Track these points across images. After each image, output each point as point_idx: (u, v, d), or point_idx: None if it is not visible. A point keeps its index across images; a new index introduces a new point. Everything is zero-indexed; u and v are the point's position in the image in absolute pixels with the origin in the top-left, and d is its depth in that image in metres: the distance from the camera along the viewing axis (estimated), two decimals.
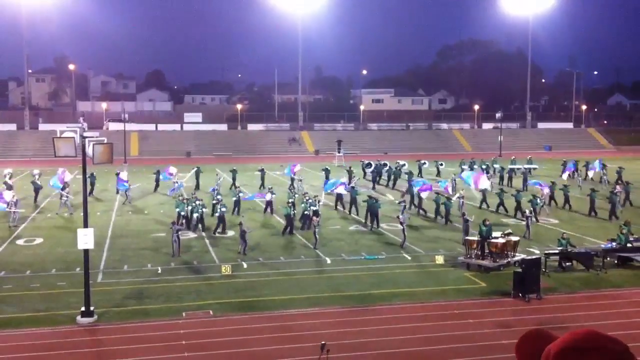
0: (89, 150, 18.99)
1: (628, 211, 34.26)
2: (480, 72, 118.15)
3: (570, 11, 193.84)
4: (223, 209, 29.83)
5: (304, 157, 69.40)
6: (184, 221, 29.64)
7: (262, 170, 44.66)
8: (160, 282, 21.49)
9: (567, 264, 22.97)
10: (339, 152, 63.26)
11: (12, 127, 77.47)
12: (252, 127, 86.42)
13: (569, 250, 23.27)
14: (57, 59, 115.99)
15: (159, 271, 22.71)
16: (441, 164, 51.44)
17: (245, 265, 23.38)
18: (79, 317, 17.75)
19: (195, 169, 44.57)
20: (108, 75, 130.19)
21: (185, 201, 30.91)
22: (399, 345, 16.15)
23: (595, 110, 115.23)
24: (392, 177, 45.94)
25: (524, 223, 29.04)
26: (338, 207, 35.23)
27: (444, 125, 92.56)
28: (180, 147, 74.67)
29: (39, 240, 28.09)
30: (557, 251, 23.36)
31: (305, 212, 30.09)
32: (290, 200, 31.17)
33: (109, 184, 43.64)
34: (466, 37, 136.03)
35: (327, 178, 42.00)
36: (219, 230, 29.28)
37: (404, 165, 50.02)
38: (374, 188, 43.41)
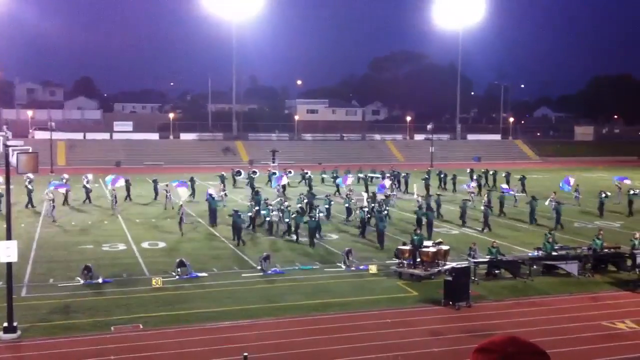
0: (13, 160, 18.27)
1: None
2: (413, 84, 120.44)
3: (499, 26, 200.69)
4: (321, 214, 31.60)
5: (237, 166, 68.82)
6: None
7: (192, 180, 44.54)
8: (87, 296, 20.85)
9: (496, 271, 23.55)
10: (273, 162, 63.06)
11: None
12: (184, 136, 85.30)
13: (498, 258, 23.86)
14: None
15: (83, 283, 21.99)
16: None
17: (176, 277, 22.96)
18: (0, 333, 17.00)
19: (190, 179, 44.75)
20: (34, 82, 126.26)
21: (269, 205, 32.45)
22: (330, 355, 16.14)
23: (522, 122, 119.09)
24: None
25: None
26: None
27: (377, 136, 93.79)
28: (110, 157, 72.97)
29: None
30: (486, 260, 23.91)
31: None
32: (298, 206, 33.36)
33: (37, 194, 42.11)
34: (399, 49, 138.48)
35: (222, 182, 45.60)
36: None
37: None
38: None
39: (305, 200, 36.12)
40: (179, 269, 23.26)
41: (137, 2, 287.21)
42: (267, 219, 31.49)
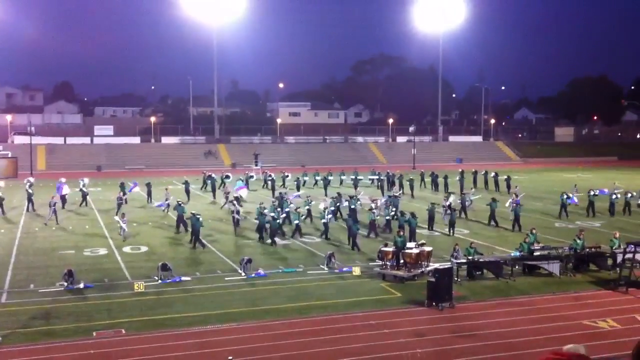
0: None
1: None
2: (394, 87, 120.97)
3: (479, 29, 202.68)
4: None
5: (220, 169, 68.72)
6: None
7: (186, 183, 44.61)
8: (69, 301, 20.64)
9: (478, 272, 23.67)
10: (256, 165, 62.99)
11: None
12: (166, 140, 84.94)
13: (477, 259, 23.98)
14: None
15: (65, 288, 21.79)
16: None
17: (159, 282, 22.81)
18: None
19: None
20: (14, 86, 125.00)
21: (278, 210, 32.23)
22: (314, 358, 16.12)
23: (503, 124, 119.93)
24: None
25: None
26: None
27: (360, 139, 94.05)
28: (91, 161, 72.54)
29: None
30: (468, 260, 23.99)
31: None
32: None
33: (14, 200, 41.81)
34: (381, 52, 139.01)
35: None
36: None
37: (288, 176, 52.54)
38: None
39: (313, 202, 36.49)
40: (161, 273, 23.13)
41: (117, 6, 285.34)
42: (278, 220, 31.76)
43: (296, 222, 31.83)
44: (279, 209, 32.82)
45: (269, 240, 29.88)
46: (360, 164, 72.94)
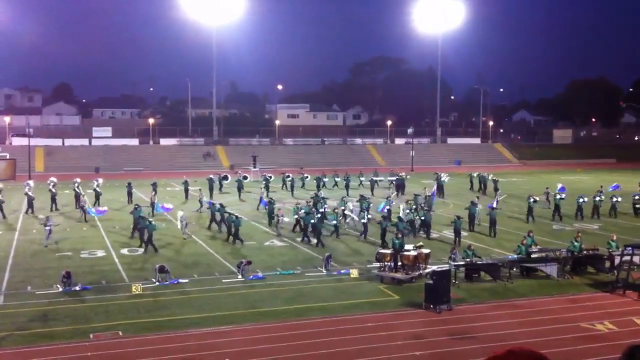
0: None
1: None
2: (393, 89, 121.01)
3: (478, 31, 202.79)
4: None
5: (219, 172, 68.63)
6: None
7: (186, 182, 44.70)
8: (66, 303, 20.62)
9: (475, 275, 23.66)
10: (254, 167, 62.96)
11: None
12: (165, 141, 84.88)
13: (475, 261, 23.98)
14: None
15: (62, 290, 21.76)
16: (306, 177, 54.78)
17: (156, 284, 22.79)
18: None
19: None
20: (12, 88, 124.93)
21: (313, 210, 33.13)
22: None
23: (502, 128, 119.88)
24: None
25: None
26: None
27: (358, 140, 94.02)
28: (89, 163, 72.43)
29: None
30: (465, 262, 23.98)
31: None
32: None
33: (12, 202, 41.76)
34: (379, 54, 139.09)
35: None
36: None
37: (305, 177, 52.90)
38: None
39: (347, 203, 36.65)
40: (159, 275, 23.10)
41: (116, 8, 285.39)
42: (313, 221, 32.34)
43: (334, 222, 32.37)
44: (314, 209, 33.40)
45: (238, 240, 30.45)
46: (359, 165, 72.86)
